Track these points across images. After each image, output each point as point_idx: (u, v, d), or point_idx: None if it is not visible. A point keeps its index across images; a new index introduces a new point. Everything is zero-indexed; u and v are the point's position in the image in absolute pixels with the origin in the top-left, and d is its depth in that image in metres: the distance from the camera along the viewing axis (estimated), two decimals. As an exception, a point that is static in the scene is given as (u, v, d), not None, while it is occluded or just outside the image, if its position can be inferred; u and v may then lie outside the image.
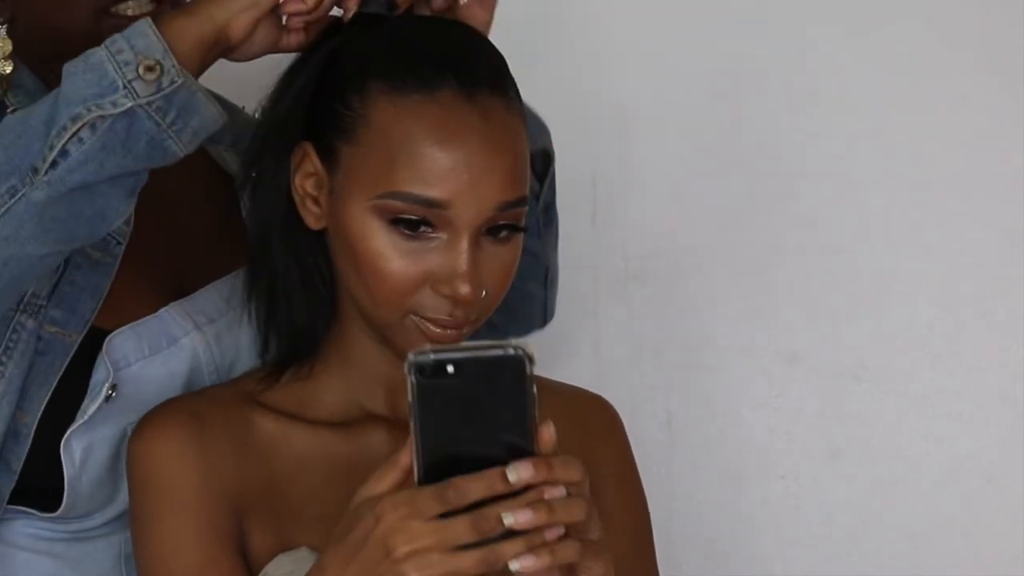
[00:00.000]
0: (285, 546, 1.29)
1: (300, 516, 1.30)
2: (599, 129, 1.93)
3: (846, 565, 1.93)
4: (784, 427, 1.94)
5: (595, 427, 1.39)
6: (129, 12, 1.37)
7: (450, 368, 1.06)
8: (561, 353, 1.91)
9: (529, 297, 1.56)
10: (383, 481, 1.10)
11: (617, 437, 1.40)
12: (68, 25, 1.38)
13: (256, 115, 1.36)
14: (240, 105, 1.49)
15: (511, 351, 1.06)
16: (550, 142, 1.51)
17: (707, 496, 1.93)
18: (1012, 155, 1.90)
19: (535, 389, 1.06)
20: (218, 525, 1.28)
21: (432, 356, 1.05)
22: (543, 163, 1.50)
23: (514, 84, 1.29)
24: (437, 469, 1.06)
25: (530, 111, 1.46)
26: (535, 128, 1.47)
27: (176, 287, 1.43)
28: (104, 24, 1.36)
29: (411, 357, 1.06)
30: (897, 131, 1.91)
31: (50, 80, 1.36)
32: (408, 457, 1.08)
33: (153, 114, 1.25)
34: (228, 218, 1.45)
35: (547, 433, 1.07)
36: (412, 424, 1.06)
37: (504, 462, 1.06)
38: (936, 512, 1.92)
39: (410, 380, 1.06)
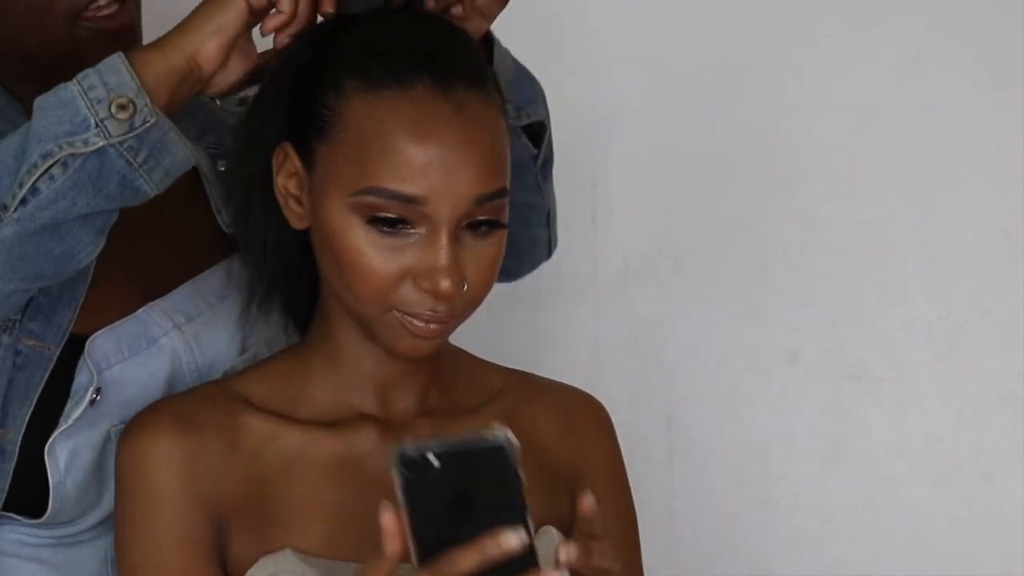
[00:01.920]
0: (270, 547, 1.29)
1: (287, 517, 1.30)
2: (599, 129, 1.93)
3: (846, 565, 1.93)
4: (784, 427, 1.94)
5: (585, 426, 1.39)
6: (103, 12, 1.37)
7: (433, 460, 1.08)
8: (561, 353, 1.92)
9: (535, 241, 1.56)
10: (377, 572, 1.11)
11: (607, 437, 1.40)
12: (44, 36, 1.37)
13: (216, 102, 1.36)
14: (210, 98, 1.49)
15: (493, 441, 1.08)
16: (546, 110, 1.50)
17: (707, 496, 1.94)
18: (1012, 155, 1.90)
19: (520, 472, 1.08)
20: (199, 534, 1.28)
21: (414, 450, 1.08)
22: (539, 131, 1.50)
23: (493, 77, 1.29)
24: (434, 553, 1.08)
25: (527, 74, 1.46)
26: (530, 96, 1.47)
27: (150, 288, 1.42)
28: (80, 30, 1.36)
29: (395, 451, 1.08)
30: (897, 131, 1.91)
31: (21, 93, 1.36)
32: (394, 546, 1.09)
33: (125, 153, 1.24)
34: (197, 214, 1.45)
35: (587, 503, 1.12)
36: (403, 513, 1.08)
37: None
38: (936, 512, 1.92)
39: (395, 472, 1.08)
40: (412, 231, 1.24)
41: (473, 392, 1.39)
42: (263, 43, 1.32)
